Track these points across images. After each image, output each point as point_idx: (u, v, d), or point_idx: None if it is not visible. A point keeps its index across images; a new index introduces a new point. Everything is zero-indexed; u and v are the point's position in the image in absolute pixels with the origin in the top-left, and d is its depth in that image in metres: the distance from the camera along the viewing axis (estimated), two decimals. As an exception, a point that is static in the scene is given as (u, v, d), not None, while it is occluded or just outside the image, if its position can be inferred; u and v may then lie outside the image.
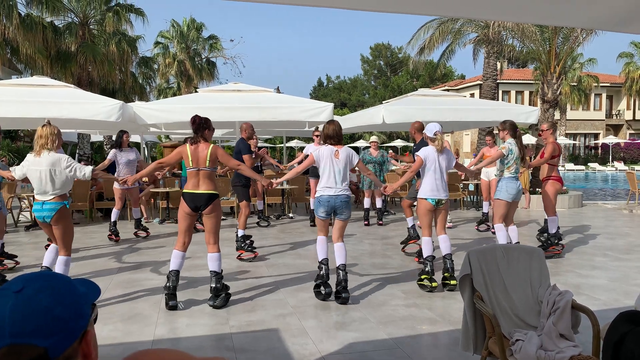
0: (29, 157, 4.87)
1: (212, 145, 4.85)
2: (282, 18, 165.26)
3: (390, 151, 10.70)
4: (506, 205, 6.25)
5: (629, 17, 2.18)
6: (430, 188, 5.41)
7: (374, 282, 5.69)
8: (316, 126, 10.19)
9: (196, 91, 13.78)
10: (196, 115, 4.91)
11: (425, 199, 5.42)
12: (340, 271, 5.00)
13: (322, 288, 5.01)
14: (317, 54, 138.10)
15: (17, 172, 5.01)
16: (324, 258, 5.07)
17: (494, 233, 8.89)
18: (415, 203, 9.15)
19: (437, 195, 5.39)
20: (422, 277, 5.39)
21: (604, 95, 45.35)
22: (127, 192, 8.45)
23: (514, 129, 6.38)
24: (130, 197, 8.59)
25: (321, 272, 5.05)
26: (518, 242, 6.35)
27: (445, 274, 5.43)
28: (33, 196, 4.98)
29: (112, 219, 8.36)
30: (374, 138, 10.17)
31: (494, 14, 2.56)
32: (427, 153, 5.46)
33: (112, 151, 8.41)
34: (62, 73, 18.13)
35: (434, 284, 5.26)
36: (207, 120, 4.93)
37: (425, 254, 5.50)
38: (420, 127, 7.36)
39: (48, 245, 7.41)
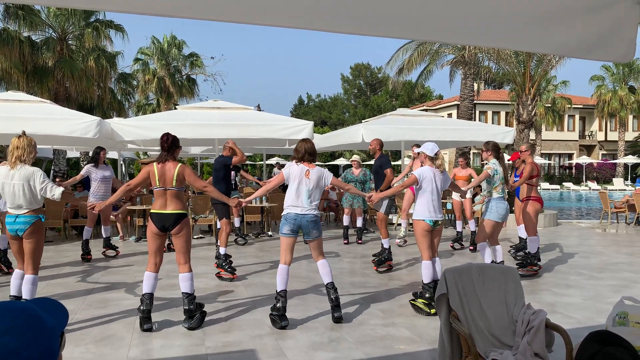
0: (2, 169, 4.71)
1: (179, 164, 4.75)
2: (263, 36, 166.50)
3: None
4: (495, 225, 6.25)
5: (596, 45, 2.26)
6: (427, 209, 5.30)
7: (352, 302, 5.67)
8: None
9: (175, 108, 13.73)
10: (167, 133, 4.83)
11: (423, 220, 5.30)
12: (330, 289, 4.89)
13: (277, 318, 4.78)
14: (298, 72, 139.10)
15: None
16: (282, 290, 4.85)
17: (471, 250, 8.99)
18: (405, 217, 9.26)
19: (433, 217, 5.30)
20: (419, 300, 5.28)
21: (577, 117, 46.63)
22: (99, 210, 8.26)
23: (496, 150, 6.42)
24: (102, 214, 8.40)
25: (278, 304, 4.81)
26: (502, 262, 6.37)
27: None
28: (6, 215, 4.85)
29: (84, 237, 8.19)
30: (355, 157, 10.24)
31: (468, 40, 2.64)
32: (423, 173, 5.34)
33: (87, 167, 8.26)
34: (38, 88, 17.89)
35: (432, 311, 5.12)
36: (177, 139, 4.88)
37: (425, 279, 5.33)
38: (381, 143, 7.79)
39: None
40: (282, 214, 5.01)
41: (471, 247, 9.12)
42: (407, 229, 10.14)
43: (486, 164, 6.46)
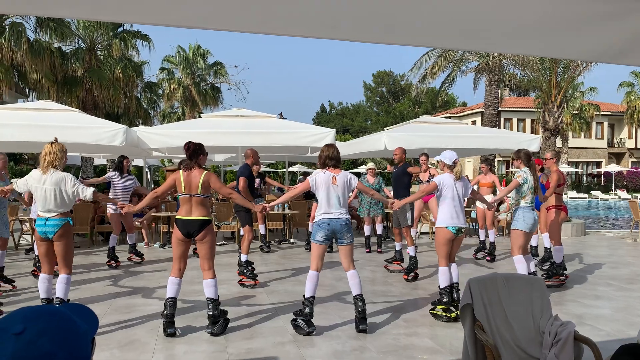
0: (34, 173, 4.88)
1: (205, 171, 4.84)
2: (285, 45, 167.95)
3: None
4: (524, 235, 6.11)
5: (625, 50, 2.22)
6: (450, 216, 5.28)
7: (375, 311, 5.62)
8: None
9: (200, 116, 13.92)
10: (190, 142, 4.91)
11: (446, 227, 5.27)
12: (358, 301, 4.86)
13: (301, 322, 4.78)
14: (320, 80, 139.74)
15: (19, 184, 4.98)
16: (311, 296, 4.85)
17: (488, 260, 8.77)
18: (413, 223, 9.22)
19: (457, 223, 5.27)
20: (438, 307, 5.28)
21: (605, 124, 45.60)
22: (122, 218, 8.37)
23: (527, 158, 6.26)
24: (125, 222, 8.51)
25: (305, 310, 4.82)
26: (535, 272, 6.27)
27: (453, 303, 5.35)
28: (35, 219, 5.01)
29: (111, 245, 8.31)
30: (370, 165, 10.17)
31: (493, 47, 2.62)
32: (443, 180, 5.38)
33: (112, 173, 8.40)
34: (68, 97, 18.37)
35: (452, 315, 5.13)
36: (201, 146, 4.94)
37: (442, 284, 5.37)
38: (405, 151, 7.90)
39: (33, 271, 7.40)
40: (314, 222, 5.04)
41: (488, 258, 8.89)
42: (417, 236, 10.05)
43: (517, 172, 6.34)
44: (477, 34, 2.16)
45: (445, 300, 5.27)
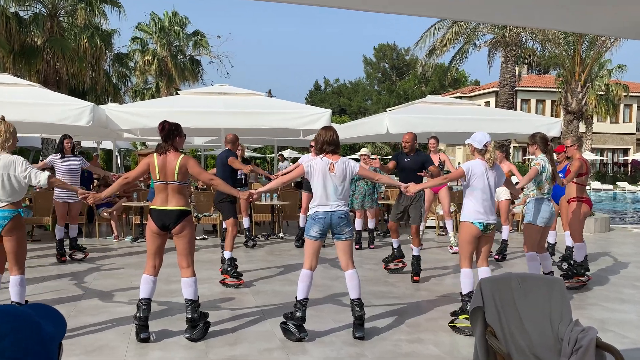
0: None
1: (182, 155, 4.79)
2: (275, 14, 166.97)
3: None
4: (539, 230, 6.06)
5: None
6: (476, 209, 5.09)
7: (374, 314, 5.65)
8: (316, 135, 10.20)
9: (177, 93, 13.87)
10: (165, 121, 4.86)
11: (472, 222, 5.09)
12: (356, 306, 4.84)
13: (291, 327, 4.79)
14: (315, 54, 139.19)
15: None
16: (303, 298, 4.84)
17: (496, 259, 8.77)
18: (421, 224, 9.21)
19: (485, 219, 5.09)
20: (461, 317, 5.09)
21: (634, 106, 45.81)
22: (68, 206, 8.32)
23: (544, 143, 6.16)
24: (70, 211, 8.41)
25: (297, 314, 4.82)
26: (552, 272, 6.27)
27: None
28: None
29: (58, 237, 8.24)
30: (364, 150, 10.09)
31: (510, 19, 2.62)
32: (472, 167, 5.15)
33: (52, 156, 8.32)
34: (26, 70, 18.19)
35: None
36: (177, 126, 4.89)
37: (464, 289, 5.18)
38: (415, 137, 7.51)
39: None
40: (308, 214, 5.03)
41: (496, 256, 8.88)
42: (422, 232, 10.03)
43: (534, 159, 6.32)
44: (493, 4, 2.16)
45: (468, 308, 5.16)
